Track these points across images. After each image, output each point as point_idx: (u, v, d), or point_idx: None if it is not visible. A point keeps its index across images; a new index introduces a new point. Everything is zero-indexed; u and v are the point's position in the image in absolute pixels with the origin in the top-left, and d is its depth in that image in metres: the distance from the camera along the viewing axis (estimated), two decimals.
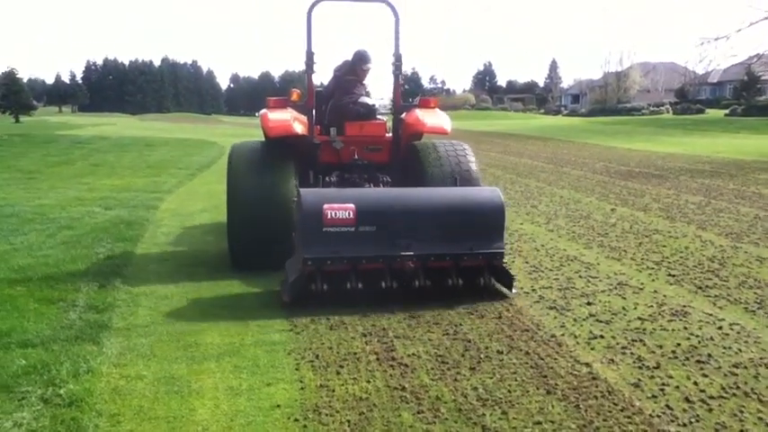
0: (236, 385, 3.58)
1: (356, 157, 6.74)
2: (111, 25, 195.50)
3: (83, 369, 3.72)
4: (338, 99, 7.03)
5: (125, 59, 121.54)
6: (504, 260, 5.38)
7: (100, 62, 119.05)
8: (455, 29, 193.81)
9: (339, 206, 5.03)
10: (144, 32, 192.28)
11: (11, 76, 55.98)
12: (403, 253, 5.07)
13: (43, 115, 64.92)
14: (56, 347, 4.04)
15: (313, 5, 6.44)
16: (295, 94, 6.73)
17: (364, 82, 7.22)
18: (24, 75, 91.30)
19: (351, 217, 5.02)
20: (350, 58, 7.16)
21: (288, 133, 6.21)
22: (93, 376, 3.65)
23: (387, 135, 6.93)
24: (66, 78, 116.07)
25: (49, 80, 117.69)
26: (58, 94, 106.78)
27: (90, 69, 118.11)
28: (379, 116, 7.10)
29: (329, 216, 4.99)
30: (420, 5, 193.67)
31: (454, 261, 5.19)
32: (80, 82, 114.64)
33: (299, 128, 6.30)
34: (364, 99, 7.04)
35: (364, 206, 5.10)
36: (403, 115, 6.82)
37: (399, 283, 5.08)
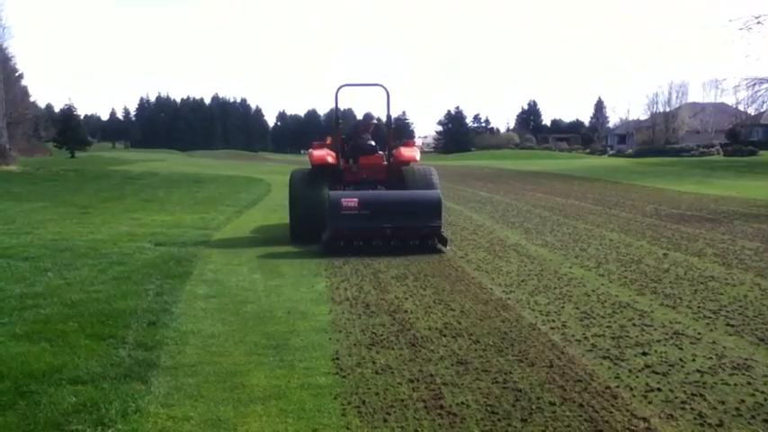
0: (282, 430, 3.53)
1: (365, 176, 10.96)
2: (165, 62, 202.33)
3: (131, 408, 3.73)
4: (354, 142, 11.25)
5: (177, 97, 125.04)
6: (443, 230, 9.37)
7: (153, 99, 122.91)
8: (500, 68, 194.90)
9: (350, 199, 9.03)
10: (197, 69, 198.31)
11: (68, 113, 58.32)
12: (385, 225, 8.96)
13: (97, 151, 67.22)
14: (105, 385, 4.08)
15: (339, 89, 11.03)
16: (329, 140, 11.16)
17: (369, 131, 11.42)
18: (81, 111, 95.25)
19: (356, 205, 8.96)
20: (361, 116, 11.76)
21: (324, 163, 10.46)
22: (141, 416, 3.65)
23: (384, 163, 11.09)
24: (120, 115, 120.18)
25: (104, 116, 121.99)
26: (112, 130, 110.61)
27: (143, 106, 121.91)
28: (379, 152, 11.13)
29: (344, 205, 8.96)
30: (464, 43, 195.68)
31: (414, 230, 9.12)
32: (133, 119, 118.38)
33: (331, 159, 10.51)
34: (370, 142, 11.17)
35: (363, 200, 9.09)
36: (393, 151, 11.01)
37: (383, 242, 9.02)
